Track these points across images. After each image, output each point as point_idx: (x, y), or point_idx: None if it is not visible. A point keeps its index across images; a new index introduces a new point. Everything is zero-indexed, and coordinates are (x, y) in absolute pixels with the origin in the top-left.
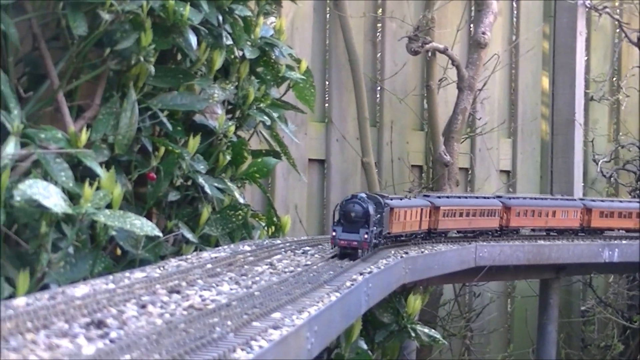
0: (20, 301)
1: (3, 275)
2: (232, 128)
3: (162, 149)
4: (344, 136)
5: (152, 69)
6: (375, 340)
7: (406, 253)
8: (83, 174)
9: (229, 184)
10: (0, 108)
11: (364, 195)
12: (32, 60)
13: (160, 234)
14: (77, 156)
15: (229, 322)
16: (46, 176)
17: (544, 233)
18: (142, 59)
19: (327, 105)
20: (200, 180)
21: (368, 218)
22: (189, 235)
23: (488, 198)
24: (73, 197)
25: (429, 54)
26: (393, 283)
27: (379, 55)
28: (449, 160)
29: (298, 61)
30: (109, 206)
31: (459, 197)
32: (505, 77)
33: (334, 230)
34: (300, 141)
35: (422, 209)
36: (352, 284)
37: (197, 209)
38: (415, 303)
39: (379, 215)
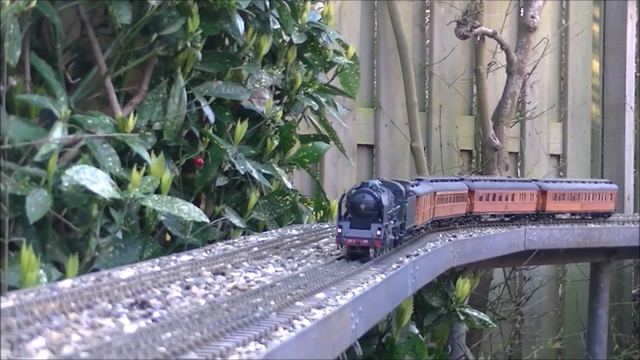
0: (66, 283)
1: (52, 260)
2: (280, 113)
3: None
4: (392, 121)
5: (199, 55)
6: (424, 323)
7: (454, 236)
8: (131, 160)
9: (277, 169)
10: (47, 95)
11: (376, 182)
12: (80, 47)
13: (207, 220)
14: (125, 142)
15: (272, 302)
16: (94, 162)
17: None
18: (189, 44)
19: (375, 90)
20: (248, 165)
21: (381, 210)
22: (237, 221)
23: (524, 181)
24: (121, 183)
25: (478, 38)
26: (441, 266)
27: (427, 40)
28: (498, 145)
29: (345, 47)
30: (157, 192)
31: (494, 180)
32: (554, 61)
33: (340, 227)
34: (349, 126)
35: (458, 194)
36: (398, 266)
37: (245, 194)
38: (464, 287)
39: (398, 206)
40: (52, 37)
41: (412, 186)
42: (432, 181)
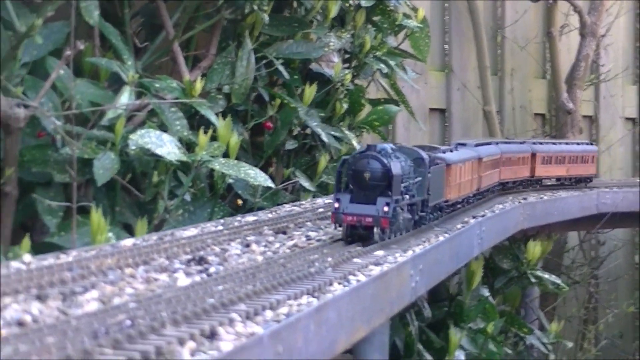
0: (127, 242)
1: (123, 222)
2: (349, 76)
3: (279, 100)
4: (464, 85)
5: (267, 18)
6: (495, 286)
7: (524, 199)
8: (200, 123)
9: (346, 132)
10: (115, 60)
11: (388, 146)
12: (149, 12)
13: (273, 185)
14: (193, 105)
15: (330, 259)
16: (162, 126)
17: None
18: (256, 7)
19: (447, 54)
20: (317, 129)
21: (391, 181)
22: (306, 184)
23: (581, 144)
24: (190, 146)
25: (550, 1)
26: (510, 228)
27: (499, 3)
28: (571, 108)
29: (415, 10)
30: (225, 155)
31: (553, 143)
32: (629, 23)
33: (338, 200)
34: (421, 90)
35: (520, 157)
36: (463, 226)
37: (314, 157)
38: (535, 249)
39: (419, 178)
40: (120, 2)
41: (443, 152)
42: (477, 145)
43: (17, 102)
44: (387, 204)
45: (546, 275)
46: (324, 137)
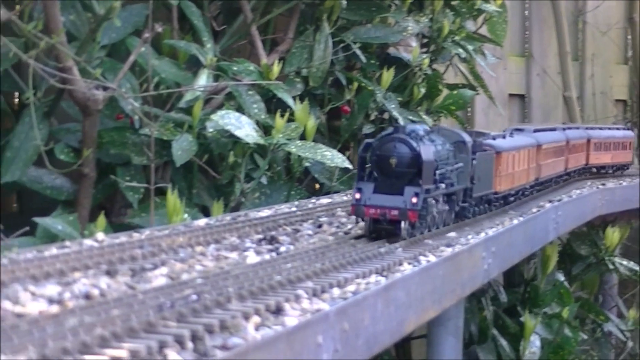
0: (200, 221)
1: (200, 204)
2: (427, 61)
3: (356, 83)
4: (545, 70)
5: (345, 2)
6: (572, 272)
7: (603, 184)
8: (277, 106)
9: (424, 116)
10: (194, 42)
11: (419, 128)
12: None
13: (350, 166)
14: (269, 88)
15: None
16: (239, 109)
17: None
18: None
19: (527, 39)
20: (394, 113)
21: (421, 167)
22: None
23: (620, 129)
24: (266, 129)
25: None
26: (587, 213)
27: None
28: None
29: None
30: (302, 138)
31: (600, 128)
32: None
33: (359, 191)
34: (500, 76)
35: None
36: (538, 210)
37: None
38: (613, 236)
39: (459, 164)
40: None
41: (493, 138)
42: (536, 131)
43: (95, 85)
44: (416, 195)
45: (625, 262)
46: (401, 121)
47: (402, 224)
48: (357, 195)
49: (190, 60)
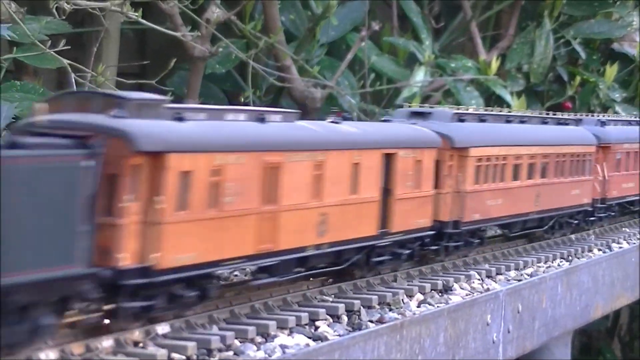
0: None
1: None
2: None
3: (578, 79)
4: None
5: None
6: None
7: None
8: (496, 102)
9: None
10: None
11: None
12: None
13: None
14: (487, 84)
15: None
16: (457, 104)
17: None
18: None
19: None
20: (617, 109)
21: None
22: None
23: None
24: None
25: None
26: None
27: None
28: None
29: None
30: None
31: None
32: None
33: None
34: None
35: None
36: None
37: None
38: None
39: None
40: None
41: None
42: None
43: (314, 82)
44: None
45: None
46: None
47: None
48: None
49: (410, 57)
